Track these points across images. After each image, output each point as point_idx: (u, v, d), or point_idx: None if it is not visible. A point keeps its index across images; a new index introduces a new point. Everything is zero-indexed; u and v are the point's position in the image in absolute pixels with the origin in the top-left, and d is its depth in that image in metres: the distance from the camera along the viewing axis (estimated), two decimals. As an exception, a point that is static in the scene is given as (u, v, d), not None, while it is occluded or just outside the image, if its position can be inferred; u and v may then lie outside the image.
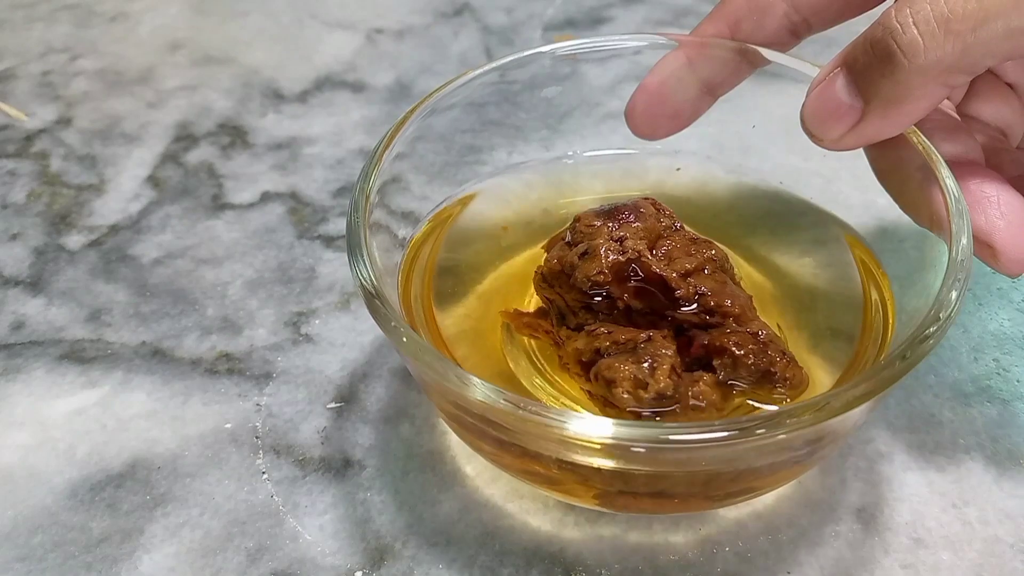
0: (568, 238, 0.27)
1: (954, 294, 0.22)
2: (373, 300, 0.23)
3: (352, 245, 0.25)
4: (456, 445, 0.29)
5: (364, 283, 0.24)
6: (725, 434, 0.20)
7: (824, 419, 0.21)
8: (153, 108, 0.48)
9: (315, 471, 0.29)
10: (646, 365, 0.24)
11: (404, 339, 0.22)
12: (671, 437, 0.20)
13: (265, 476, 0.29)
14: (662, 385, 0.23)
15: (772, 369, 0.24)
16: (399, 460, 0.29)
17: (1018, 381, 0.31)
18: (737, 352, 0.24)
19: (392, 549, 0.26)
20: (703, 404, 0.24)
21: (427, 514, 0.27)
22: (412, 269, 0.29)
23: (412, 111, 0.29)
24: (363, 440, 0.30)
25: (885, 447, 0.29)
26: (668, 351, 0.24)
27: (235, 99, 0.48)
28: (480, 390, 0.21)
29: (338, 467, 0.29)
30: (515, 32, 0.54)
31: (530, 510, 0.27)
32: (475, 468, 0.29)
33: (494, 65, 0.31)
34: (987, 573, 0.26)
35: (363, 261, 0.24)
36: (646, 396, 0.23)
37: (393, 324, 0.23)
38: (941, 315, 0.22)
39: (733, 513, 0.27)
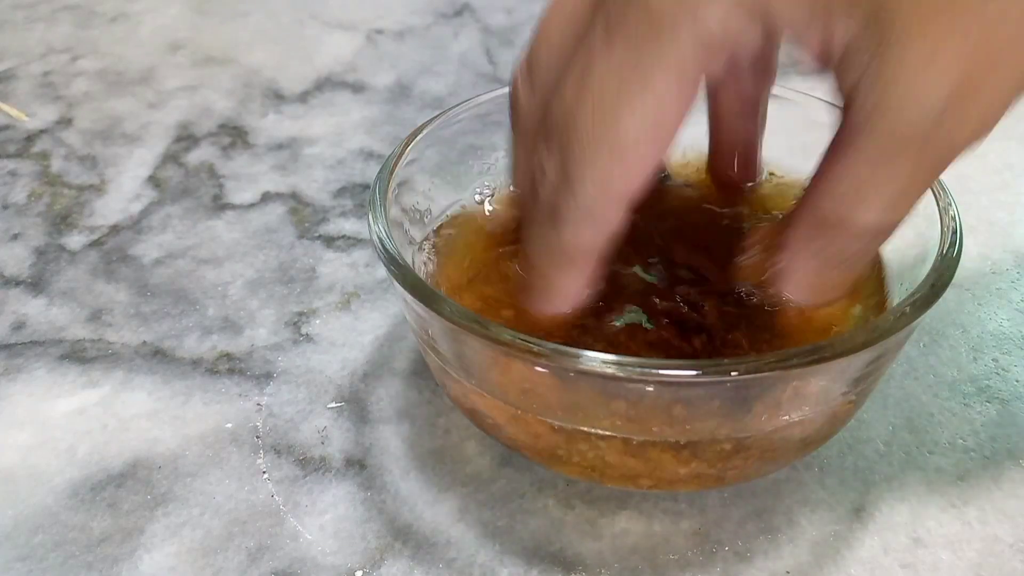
0: None
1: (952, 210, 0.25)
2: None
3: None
4: (456, 445, 0.30)
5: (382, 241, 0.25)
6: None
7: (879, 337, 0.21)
8: (154, 108, 0.48)
9: (315, 471, 0.29)
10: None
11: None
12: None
13: (266, 476, 0.29)
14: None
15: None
16: (399, 460, 0.29)
17: (1017, 381, 0.31)
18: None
19: (392, 549, 0.27)
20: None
21: (427, 514, 0.27)
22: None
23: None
24: (363, 440, 0.30)
25: (884, 447, 0.29)
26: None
27: (236, 99, 0.48)
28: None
29: (338, 467, 0.29)
30: (515, 33, 0.54)
31: (530, 510, 0.27)
32: (475, 468, 0.29)
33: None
34: (986, 573, 0.26)
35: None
36: None
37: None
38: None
39: (733, 512, 0.27)
